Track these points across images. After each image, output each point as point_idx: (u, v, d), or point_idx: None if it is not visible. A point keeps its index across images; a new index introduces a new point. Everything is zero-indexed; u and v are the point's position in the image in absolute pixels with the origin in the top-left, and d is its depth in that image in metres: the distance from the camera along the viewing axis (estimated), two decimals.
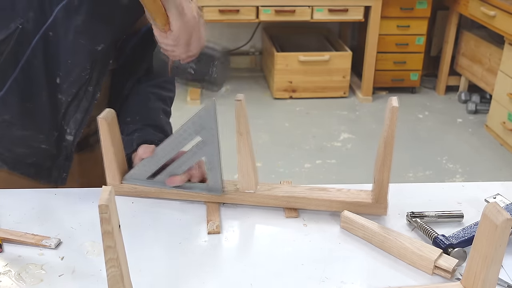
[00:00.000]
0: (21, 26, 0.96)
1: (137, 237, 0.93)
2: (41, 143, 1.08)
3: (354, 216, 0.94)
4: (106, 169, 1.02)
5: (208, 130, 0.94)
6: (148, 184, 1.03)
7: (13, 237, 0.90)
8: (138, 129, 1.09)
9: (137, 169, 1.03)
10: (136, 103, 1.14)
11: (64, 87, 1.02)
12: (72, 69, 1.01)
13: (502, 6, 3.23)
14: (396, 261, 0.88)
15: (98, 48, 1.01)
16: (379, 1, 3.63)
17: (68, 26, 0.97)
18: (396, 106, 0.88)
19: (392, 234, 0.90)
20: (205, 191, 1.01)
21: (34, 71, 1.00)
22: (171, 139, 0.98)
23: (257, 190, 1.00)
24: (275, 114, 3.68)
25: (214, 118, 0.93)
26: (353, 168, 3.07)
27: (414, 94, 4.08)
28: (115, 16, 1.01)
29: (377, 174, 0.94)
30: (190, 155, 0.98)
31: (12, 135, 1.05)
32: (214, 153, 0.96)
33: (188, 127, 0.95)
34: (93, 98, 1.07)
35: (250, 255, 0.90)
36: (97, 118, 0.95)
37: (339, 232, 0.95)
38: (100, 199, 0.64)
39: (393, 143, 0.90)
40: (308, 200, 0.99)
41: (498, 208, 0.71)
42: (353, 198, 0.99)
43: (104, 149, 0.99)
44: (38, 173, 1.12)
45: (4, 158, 1.09)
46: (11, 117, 1.03)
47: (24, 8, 0.95)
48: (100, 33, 1.01)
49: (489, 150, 3.31)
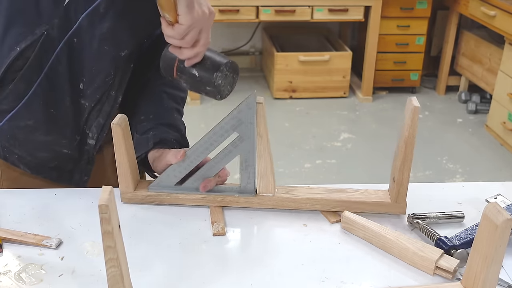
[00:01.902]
0: (46, 33, 0.96)
1: (137, 237, 0.93)
2: (63, 148, 1.08)
3: (354, 216, 0.94)
4: (119, 176, 0.99)
5: (246, 125, 0.92)
6: (177, 191, 0.99)
7: (14, 237, 0.90)
8: (152, 128, 1.07)
9: (165, 176, 0.99)
10: (150, 102, 1.13)
11: (88, 92, 1.03)
12: (96, 75, 1.01)
13: (502, 6, 3.23)
14: (396, 261, 0.88)
15: (122, 54, 1.02)
16: (379, 1, 3.63)
17: (93, 33, 0.97)
18: (417, 106, 0.89)
19: (393, 235, 0.90)
20: (236, 193, 0.99)
21: (58, 77, 1.00)
22: (203, 140, 0.95)
23: (275, 193, 1.00)
24: (275, 114, 3.68)
25: (254, 112, 0.91)
26: (353, 168, 3.07)
27: (414, 94, 4.08)
28: (140, 22, 1.02)
29: (397, 174, 0.94)
30: (224, 155, 0.95)
31: (35, 140, 1.06)
32: (251, 149, 0.94)
33: (226, 123, 0.92)
34: (115, 103, 1.07)
35: (250, 255, 0.90)
36: (111, 124, 0.93)
37: (339, 232, 0.95)
38: (100, 199, 0.63)
39: (414, 143, 0.91)
40: (327, 201, 0.98)
41: (498, 208, 0.71)
42: (372, 198, 0.99)
43: (118, 156, 0.97)
44: (60, 177, 1.12)
45: (27, 162, 1.09)
46: (34, 122, 1.03)
47: (49, 14, 0.95)
48: (124, 39, 1.01)
49: (489, 150, 3.31)
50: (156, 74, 1.15)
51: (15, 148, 1.07)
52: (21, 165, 1.09)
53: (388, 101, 3.96)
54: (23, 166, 1.10)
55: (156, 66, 1.15)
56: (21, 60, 0.97)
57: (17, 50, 0.97)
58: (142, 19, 1.01)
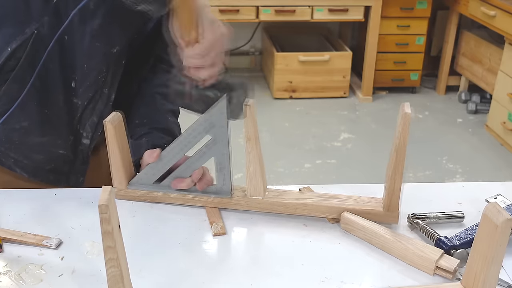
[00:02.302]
0: (36, 31, 0.96)
1: (137, 237, 0.93)
2: (59, 149, 1.08)
3: (354, 217, 0.94)
4: (112, 173, 1.00)
5: (219, 128, 0.93)
6: (155, 189, 1.01)
7: (14, 237, 0.90)
8: (146, 134, 1.07)
9: (143, 174, 1.01)
10: (143, 105, 1.13)
11: (80, 91, 1.02)
12: (88, 73, 1.01)
13: (502, 6, 3.23)
14: (396, 261, 0.88)
15: (113, 51, 1.01)
16: (379, 1, 3.63)
17: (84, 29, 0.96)
18: (408, 112, 0.85)
19: (393, 235, 0.90)
20: (212, 194, 0.99)
21: (51, 76, 0.99)
22: (179, 141, 0.96)
23: (265, 196, 0.99)
24: (275, 114, 3.68)
25: (225, 115, 0.91)
26: (353, 168, 3.08)
27: (414, 94, 4.08)
28: (131, 19, 1.01)
29: (389, 183, 0.92)
30: (198, 156, 0.96)
31: (31, 142, 1.05)
32: (224, 152, 0.94)
33: (198, 126, 0.93)
34: (108, 100, 1.07)
35: (250, 255, 0.90)
36: (104, 122, 0.94)
37: (339, 232, 0.95)
38: (100, 199, 0.63)
39: (405, 151, 0.88)
40: (317, 207, 0.97)
41: (498, 208, 0.71)
42: (363, 206, 0.96)
43: (111, 154, 0.97)
44: (57, 179, 1.12)
45: (23, 166, 1.08)
46: (29, 124, 1.02)
47: (39, 12, 0.95)
48: (116, 36, 1.00)
49: (489, 150, 3.31)
50: (150, 75, 1.15)
51: (11, 151, 1.06)
52: (18, 169, 1.08)
53: (388, 101, 3.96)
54: (19, 170, 1.08)
55: (150, 66, 1.15)
56: (13, 60, 0.97)
57: (8, 50, 0.96)
58: (132, 14, 1.00)
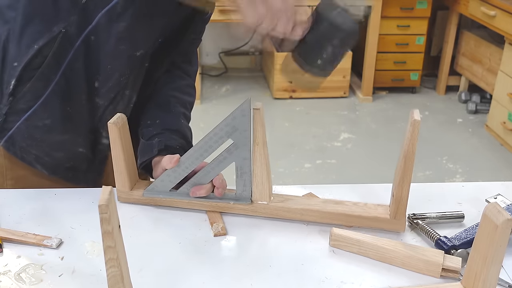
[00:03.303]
0: (64, 30, 0.96)
1: (137, 237, 0.93)
2: (79, 147, 1.08)
3: (344, 232, 0.91)
4: (115, 175, 0.99)
5: (241, 132, 0.90)
6: (172, 197, 0.99)
7: (14, 237, 0.90)
8: (158, 134, 1.06)
9: (159, 181, 0.98)
10: (156, 106, 1.12)
11: (102, 91, 1.03)
12: (111, 74, 1.01)
13: (502, 6, 3.23)
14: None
15: (137, 54, 1.02)
16: (379, 1, 3.63)
17: (110, 31, 0.97)
18: (418, 119, 0.84)
19: (391, 244, 0.88)
20: (232, 200, 0.97)
21: (75, 75, 1.00)
22: (198, 146, 0.93)
23: (271, 202, 0.98)
24: (275, 114, 3.68)
25: (248, 119, 0.89)
26: (353, 168, 3.07)
27: (414, 94, 4.08)
28: (156, 23, 1.01)
29: (396, 190, 0.90)
30: (218, 162, 0.93)
31: (52, 140, 1.06)
32: (246, 156, 0.92)
33: (220, 129, 0.90)
34: (129, 102, 1.07)
35: (250, 255, 0.90)
36: (108, 123, 0.94)
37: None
38: (100, 199, 0.63)
39: (413, 158, 0.86)
40: (323, 213, 0.96)
41: (498, 208, 0.71)
42: (370, 213, 0.95)
43: (114, 155, 0.97)
44: (75, 177, 1.13)
45: (44, 163, 1.09)
46: (52, 121, 1.03)
47: (67, 12, 0.95)
48: (140, 39, 1.01)
49: (489, 150, 3.31)
50: (165, 77, 1.15)
51: (32, 148, 1.06)
52: (39, 165, 1.09)
53: (388, 101, 3.96)
54: (40, 166, 1.09)
55: (165, 70, 1.15)
56: (39, 58, 0.97)
57: (35, 48, 0.96)
58: (159, 19, 1.01)
